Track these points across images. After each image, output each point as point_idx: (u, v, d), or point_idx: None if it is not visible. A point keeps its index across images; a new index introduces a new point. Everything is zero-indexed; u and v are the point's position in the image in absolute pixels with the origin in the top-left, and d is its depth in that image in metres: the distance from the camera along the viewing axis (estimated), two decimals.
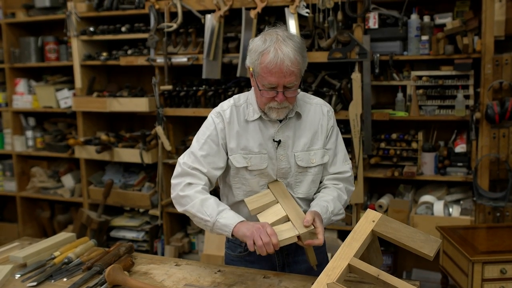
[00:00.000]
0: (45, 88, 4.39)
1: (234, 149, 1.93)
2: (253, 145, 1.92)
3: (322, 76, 3.54)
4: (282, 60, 1.75)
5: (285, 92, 1.81)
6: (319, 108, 2.00)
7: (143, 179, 4.13)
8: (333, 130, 2.02)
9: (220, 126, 1.93)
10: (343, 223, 3.53)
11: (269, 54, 1.76)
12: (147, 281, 1.85)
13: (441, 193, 3.46)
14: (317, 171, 1.98)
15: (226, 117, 1.93)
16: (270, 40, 1.79)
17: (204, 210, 1.83)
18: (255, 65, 1.82)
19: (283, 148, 1.93)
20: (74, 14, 4.03)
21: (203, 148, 1.92)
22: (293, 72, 1.78)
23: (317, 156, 1.96)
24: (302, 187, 1.97)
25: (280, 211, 1.83)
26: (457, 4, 3.35)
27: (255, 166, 1.92)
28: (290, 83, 1.80)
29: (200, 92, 3.74)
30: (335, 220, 1.97)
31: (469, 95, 3.27)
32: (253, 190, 1.95)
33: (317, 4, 3.35)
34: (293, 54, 1.77)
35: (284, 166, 1.94)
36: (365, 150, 3.38)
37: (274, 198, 1.88)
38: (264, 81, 1.80)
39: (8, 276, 1.94)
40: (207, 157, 1.91)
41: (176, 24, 3.73)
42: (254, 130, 1.93)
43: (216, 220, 1.80)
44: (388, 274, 1.55)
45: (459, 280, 2.81)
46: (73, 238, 2.27)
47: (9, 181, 4.69)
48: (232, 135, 1.92)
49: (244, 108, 1.95)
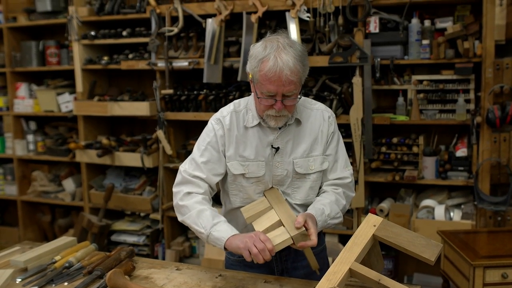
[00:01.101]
0: (46, 92, 4.40)
1: (232, 156, 1.92)
2: (251, 152, 1.91)
3: (323, 80, 3.54)
4: (282, 69, 1.73)
5: (284, 100, 1.79)
6: (320, 114, 1.98)
7: (144, 183, 4.13)
8: (333, 136, 1.99)
9: (220, 132, 1.93)
10: (344, 227, 3.52)
11: (269, 62, 1.74)
12: (148, 286, 1.85)
13: (442, 197, 3.45)
14: (316, 177, 1.96)
15: (226, 123, 1.93)
16: (270, 47, 1.76)
17: (199, 222, 1.83)
18: (255, 72, 1.80)
19: (280, 155, 1.91)
20: (75, 18, 4.04)
21: (203, 154, 1.92)
22: (292, 81, 1.75)
23: (316, 162, 1.94)
24: (300, 193, 1.95)
25: (273, 216, 1.82)
26: (458, 9, 3.35)
27: (252, 173, 1.91)
28: (289, 92, 1.77)
29: (201, 96, 3.75)
30: (332, 224, 1.94)
31: (470, 99, 3.27)
32: (250, 197, 1.94)
33: (318, 8, 3.35)
34: (293, 62, 1.74)
35: (279, 173, 1.92)
36: (366, 154, 3.38)
37: (268, 205, 1.88)
38: (263, 88, 1.79)
39: (9, 280, 1.93)
40: (207, 164, 1.92)
41: (177, 28, 3.74)
42: (252, 137, 1.92)
43: (209, 232, 1.80)
44: (389, 278, 1.55)
45: (460, 284, 2.80)
46: (74, 242, 2.26)
47: (10, 185, 4.69)
48: (231, 142, 1.92)
49: (244, 114, 1.94)
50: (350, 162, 2.10)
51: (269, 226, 1.78)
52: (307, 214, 1.80)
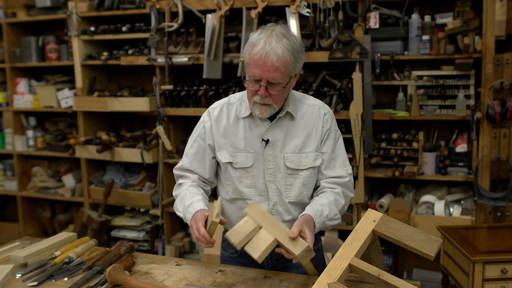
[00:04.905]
0: (45, 87, 4.39)
1: (222, 145, 1.96)
2: (240, 142, 1.93)
3: (323, 76, 3.54)
4: (268, 54, 1.74)
5: (268, 88, 1.79)
6: (316, 110, 1.97)
7: (143, 179, 4.13)
8: (330, 134, 1.97)
9: (208, 124, 1.99)
10: (344, 223, 3.52)
11: (258, 45, 1.77)
12: (147, 281, 1.85)
13: (442, 193, 3.45)
14: (309, 174, 1.94)
15: (215, 114, 1.98)
16: (264, 34, 1.79)
17: (179, 208, 1.95)
18: (246, 56, 1.84)
19: (271, 148, 1.92)
20: (75, 14, 4.03)
21: (193, 146, 2.03)
22: (278, 68, 1.76)
23: (308, 158, 1.93)
24: (292, 190, 1.94)
25: (267, 237, 1.71)
26: (458, 4, 3.34)
27: (240, 163, 1.92)
28: (274, 79, 1.78)
29: (201, 92, 3.74)
30: (330, 226, 1.91)
31: (470, 95, 3.27)
32: (237, 189, 1.95)
33: (318, 3, 3.35)
34: (282, 50, 1.75)
35: (271, 167, 1.92)
36: (366, 150, 3.38)
37: (255, 224, 1.74)
38: (249, 72, 1.81)
39: (9, 275, 1.94)
40: (196, 154, 2.01)
41: (177, 24, 3.73)
42: (243, 127, 1.94)
43: (184, 215, 1.91)
44: (389, 274, 1.55)
45: (460, 280, 2.81)
46: (74, 238, 2.27)
47: (10, 181, 4.70)
48: (220, 132, 1.96)
49: (237, 106, 1.97)
50: (350, 158, 2.09)
51: (267, 248, 1.69)
52: (302, 220, 1.77)
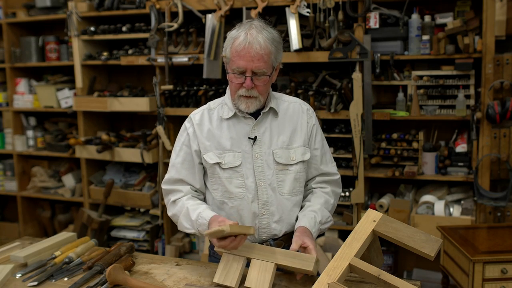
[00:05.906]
0: (45, 87, 4.39)
1: (208, 147, 1.95)
2: (226, 143, 1.93)
3: (323, 76, 3.54)
4: (251, 43, 1.78)
5: (253, 78, 1.82)
6: (298, 106, 2.01)
7: (143, 179, 4.13)
8: (317, 129, 2.03)
9: (190, 130, 1.97)
10: (344, 223, 3.53)
11: (240, 38, 1.80)
12: (147, 281, 1.85)
13: (441, 193, 3.45)
14: (299, 169, 1.97)
15: (196, 119, 1.97)
16: (243, 28, 1.84)
17: (187, 225, 1.92)
18: (227, 52, 1.85)
19: (259, 146, 1.93)
20: (75, 14, 4.03)
21: (179, 155, 1.99)
22: (262, 57, 1.79)
23: (297, 153, 1.96)
24: (285, 186, 1.95)
25: (267, 266, 1.73)
26: (458, 4, 3.34)
27: (228, 163, 1.92)
28: (259, 69, 1.80)
29: (201, 92, 3.74)
30: (324, 229, 1.97)
31: (470, 95, 3.27)
32: (227, 190, 1.93)
33: (318, 3, 3.35)
34: (263, 39, 1.80)
35: (260, 165, 1.93)
36: (366, 150, 3.38)
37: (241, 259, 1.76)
38: (233, 65, 1.82)
39: (9, 275, 1.94)
40: (184, 163, 1.98)
41: (176, 24, 3.73)
42: (227, 128, 1.94)
43: (197, 229, 1.88)
44: (389, 274, 1.55)
45: (460, 280, 2.81)
46: (74, 238, 2.27)
47: (10, 181, 4.70)
48: (204, 135, 1.95)
49: (218, 109, 1.98)
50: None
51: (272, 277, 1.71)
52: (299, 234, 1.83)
